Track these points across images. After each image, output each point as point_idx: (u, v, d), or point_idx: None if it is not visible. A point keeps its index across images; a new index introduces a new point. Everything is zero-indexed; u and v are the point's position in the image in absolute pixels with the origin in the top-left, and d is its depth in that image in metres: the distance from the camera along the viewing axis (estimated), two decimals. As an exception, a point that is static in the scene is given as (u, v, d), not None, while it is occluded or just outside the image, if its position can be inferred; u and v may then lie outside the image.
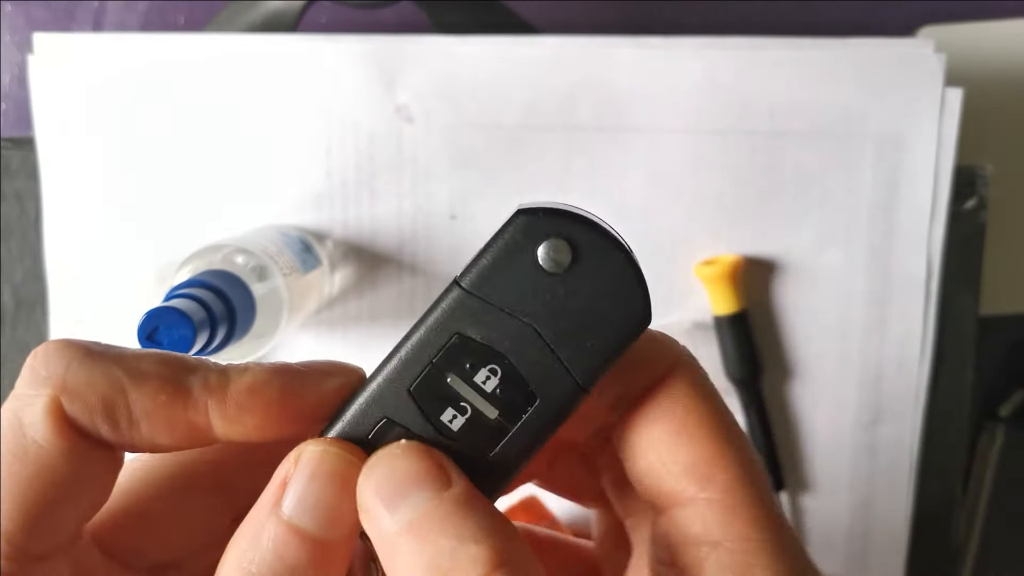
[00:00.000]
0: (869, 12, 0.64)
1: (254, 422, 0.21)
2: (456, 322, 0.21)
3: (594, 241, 0.21)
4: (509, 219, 0.21)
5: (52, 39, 0.51)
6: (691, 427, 0.21)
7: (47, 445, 0.20)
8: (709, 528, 0.21)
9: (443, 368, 0.21)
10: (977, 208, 0.53)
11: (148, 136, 0.52)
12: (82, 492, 0.21)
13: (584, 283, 0.21)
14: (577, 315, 0.21)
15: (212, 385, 0.21)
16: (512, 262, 0.21)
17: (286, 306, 0.44)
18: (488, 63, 0.50)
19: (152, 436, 0.21)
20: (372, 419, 0.21)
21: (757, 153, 0.51)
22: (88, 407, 0.20)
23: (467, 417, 0.21)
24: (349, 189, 0.52)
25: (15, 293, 0.54)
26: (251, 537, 0.20)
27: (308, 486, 0.20)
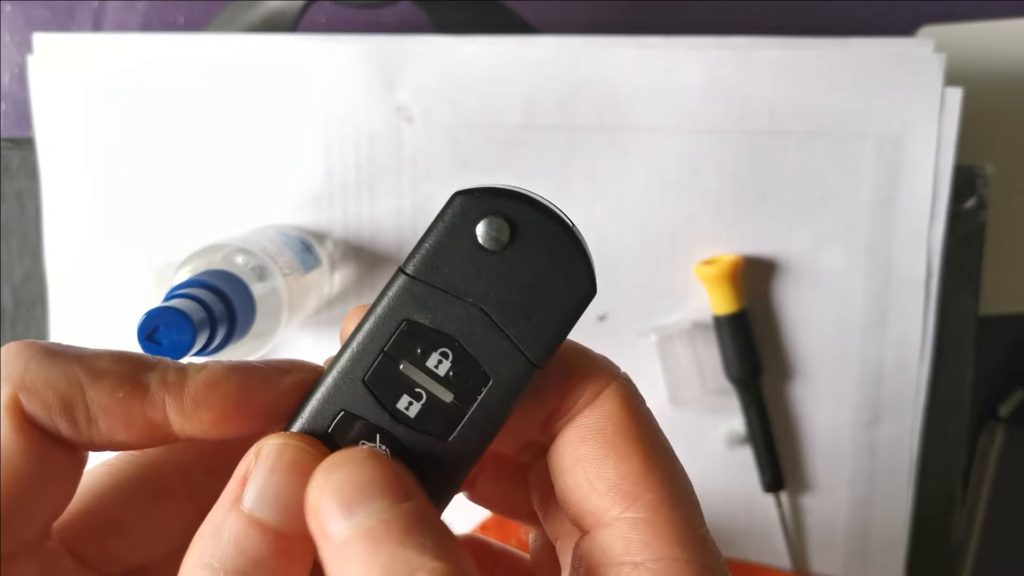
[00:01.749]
0: (869, 12, 0.64)
1: (211, 418, 0.21)
2: (403, 309, 0.21)
3: (532, 217, 0.21)
4: (447, 202, 0.21)
5: (52, 39, 0.51)
6: (619, 445, 0.21)
7: (6, 443, 0.20)
8: (631, 548, 0.21)
9: (395, 356, 0.21)
10: (977, 208, 0.53)
11: (148, 136, 0.52)
12: (45, 491, 0.21)
13: (526, 259, 0.21)
14: (522, 292, 0.21)
15: (169, 381, 0.21)
16: (453, 244, 0.21)
17: (286, 306, 0.44)
18: (488, 63, 0.50)
19: (110, 433, 0.21)
20: (330, 413, 0.21)
21: (757, 153, 0.51)
22: (46, 404, 0.21)
23: (423, 403, 0.21)
24: (349, 189, 0.52)
25: (15, 293, 0.54)
26: (212, 533, 0.20)
27: (268, 479, 0.20)
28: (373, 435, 0.21)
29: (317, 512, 0.20)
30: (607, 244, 0.52)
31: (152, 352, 0.34)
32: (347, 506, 0.20)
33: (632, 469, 0.21)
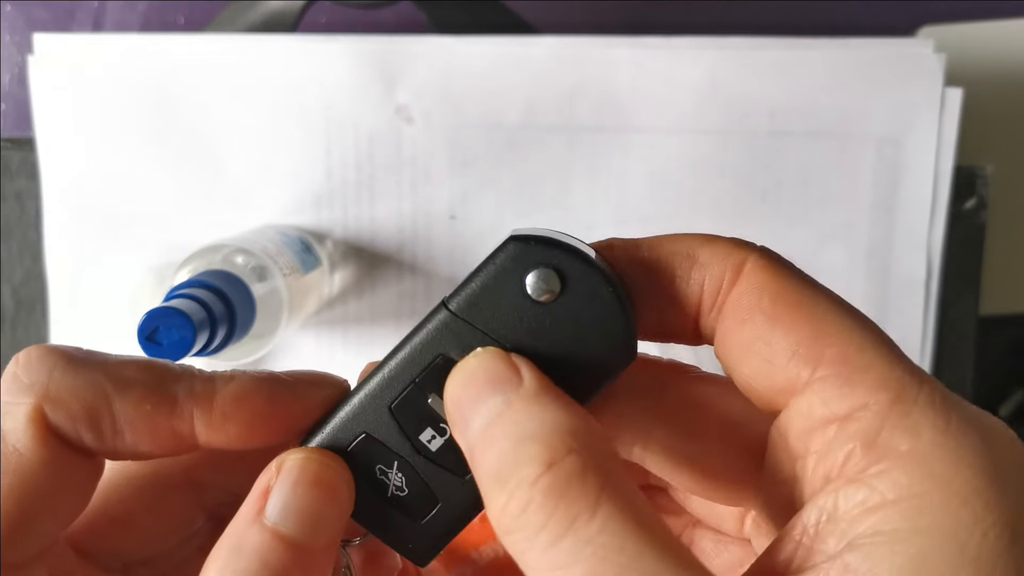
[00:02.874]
0: (869, 12, 0.64)
1: (238, 431, 0.21)
2: (441, 343, 0.21)
3: (584, 273, 0.20)
4: (501, 244, 0.21)
5: (52, 39, 0.51)
6: (782, 315, 0.20)
7: (28, 454, 0.20)
8: (831, 404, 0.19)
9: (425, 388, 0.21)
10: (977, 208, 0.53)
11: (148, 136, 0.52)
12: (63, 501, 0.21)
13: (570, 315, 0.21)
14: (561, 346, 0.21)
15: (198, 393, 0.21)
16: (500, 288, 0.21)
17: (286, 306, 0.44)
18: (488, 63, 0.50)
19: (135, 444, 0.21)
20: (352, 433, 0.22)
21: (757, 153, 0.51)
22: (71, 415, 0.20)
23: (445, 438, 0.21)
24: (349, 189, 0.52)
25: (15, 293, 0.54)
26: (233, 546, 0.20)
27: (292, 492, 0.20)
28: (392, 462, 0.22)
29: (452, 427, 0.20)
30: (607, 244, 0.52)
31: (152, 352, 0.34)
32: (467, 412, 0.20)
33: (804, 333, 0.19)
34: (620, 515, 0.17)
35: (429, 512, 0.22)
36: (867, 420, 0.18)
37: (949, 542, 0.17)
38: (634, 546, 0.17)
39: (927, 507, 0.17)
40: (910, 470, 0.17)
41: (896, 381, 0.18)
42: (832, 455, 0.18)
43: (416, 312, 0.53)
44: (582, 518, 0.17)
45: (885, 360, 0.19)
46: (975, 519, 0.17)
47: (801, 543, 0.18)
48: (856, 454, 0.18)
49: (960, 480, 0.17)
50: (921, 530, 0.17)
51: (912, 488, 0.17)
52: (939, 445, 0.17)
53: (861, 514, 0.17)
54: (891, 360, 0.19)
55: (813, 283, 0.20)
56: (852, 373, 0.19)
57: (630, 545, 0.17)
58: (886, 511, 0.17)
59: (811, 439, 0.19)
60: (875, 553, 0.17)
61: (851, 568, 0.17)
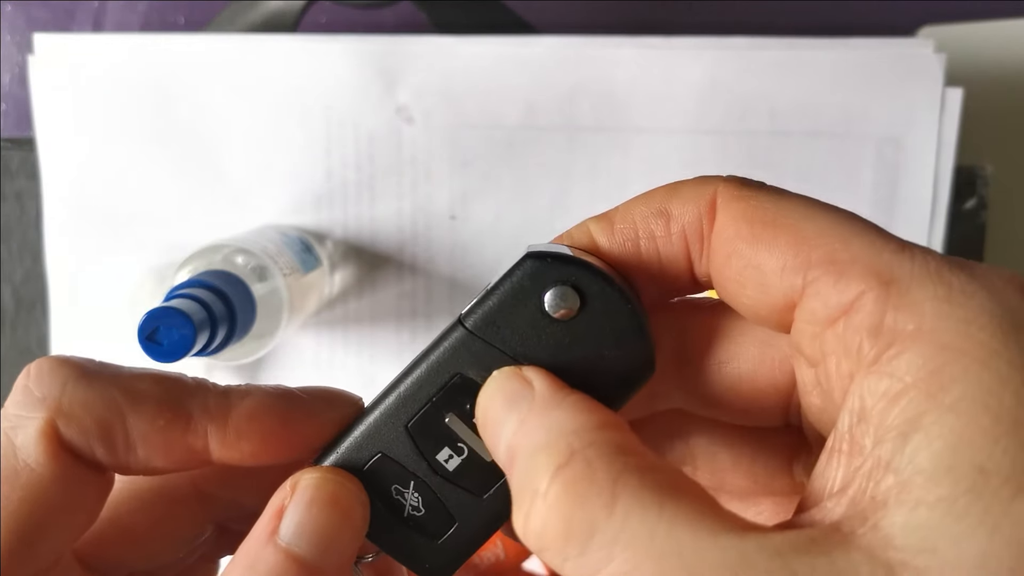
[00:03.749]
0: (869, 12, 0.64)
1: (252, 448, 0.21)
2: (458, 362, 0.21)
3: (602, 291, 0.20)
4: (518, 262, 0.21)
5: (52, 39, 0.51)
6: (761, 235, 0.19)
7: (40, 469, 0.20)
8: (831, 304, 0.18)
9: (442, 407, 0.21)
10: (977, 208, 0.53)
11: (148, 136, 0.52)
12: (72, 516, 0.21)
13: (588, 332, 0.21)
14: (579, 364, 0.21)
15: (212, 410, 0.21)
16: (518, 306, 0.21)
17: (286, 306, 0.44)
18: (488, 63, 0.50)
19: (148, 459, 0.21)
20: (368, 453, 0.21)
21: (757, 153, 0.51)
22: (84, 430, 0.20)
23: (463, 458, 0.21)
24: (349, 189, 0.52)
25: (15, 293, 0.54)
26: (247, 566, 0.20)
27: (306, 513, 0.20)
28: (408, 481, 0.21)
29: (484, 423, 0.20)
30: (607, 244, 0.52)
31: (152, 352, 0.34)
32: (495, 433, 0.20)
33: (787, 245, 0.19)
34: (641, 502, 0.16)
35: (446, 532, 0.22)
36: (867, 308, 0.17)
37: (981, 413, 0.15)
38: (665, 527, 0.16)
39: (948, 382, 0.16)
40: (921, 348, 0.16)
41: (886, 264, 0.18)
42: (847, 351, 0.18)
43: (416, 312, 0.53)
44: (601, 517, 0.16)
45: (871, 246, 0.18)
46: (1001, 382, 0.16)
47: (842, 453, 0.17)
48: (865, 344, 0.17)
49: (974, 345, 0.16)
50: (949, 407, 0.16)
51: (927, 366, 0.16)
52: (945, 315, 0.17)
53: (886, 406, 0.16)
54: (877, 244, 0.18)
55: (784, 195, 0.20)
56: (842, 267, 0.18)
57: (661, 528, 0.16)
58: (909, 396, 0.16)
59: (823, 342, 0.18)
60: (910, 444, 0.16)
61: (892, 467, 0.16)
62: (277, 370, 0.53)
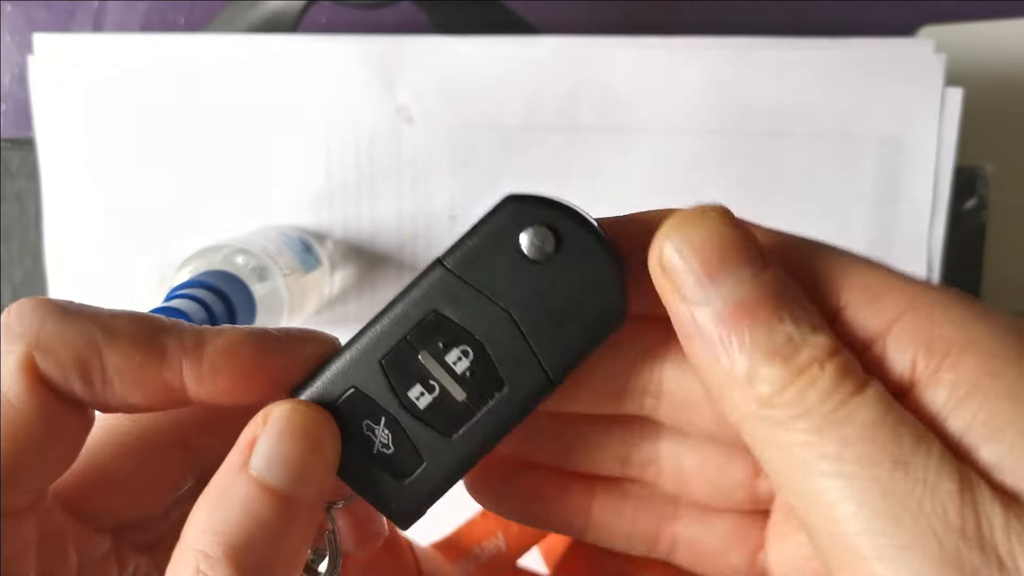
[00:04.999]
0: (869, 12, 0.64)
1: (227, 384, 0.21)
2: (434, 300, 0.21)
3: (579, 233, 0.21)
4: (498, 204, 0.21)
5: (52, 39, 0.51)
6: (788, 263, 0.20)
7: (18, 403, 0.20)
8: (870, 325, 0.19)
9: (416, 344, 0.21)
10: (977, 208, 0.53)
11: (148, 136, 0.52)
12: (53, 450, 0.21)
13: (565, 274, 0.21)
14: (554, 306, 0.21)
15: (187, 345, 0.21)
16: (496, 246, 0.21)
17: (286, 306, 0.44)
18: (488, 63, 0.50)
19: (125, 395, 0.21)
20: (341, 387, 0.21)
21: (757, 153, 0.51)
22: (61, 364, 0.20)
23: (434, 396, 0.21)
24: (349, 189, 0.52)
25: (15, 293, 0.54)
26: (218, 497, 0.20)
27: (278, 443, 0.20)
28: (379, 417, 0.21)
29: (676, 275, 0.19)
30: (607, 244, 0.52)
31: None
32: (712, 274, 0.19)
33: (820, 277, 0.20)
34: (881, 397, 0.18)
35: (413, 472, 0.21)
36: (913, 324, 0.19)
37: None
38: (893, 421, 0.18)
39: (1009, 385, 0.17)
40: (976, 356, 0.18)
41: (921, 289, 0.19)
42: (893, 369, 0.19)
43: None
44: (855, 396, 0.18)
45: (900, 277, 0.20)
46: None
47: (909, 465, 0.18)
48: (921, 359, 0.18)
49: (1020, 355, 0.18)
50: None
51: (988, 369, 0.18)
52: (985, 331, 0.18)
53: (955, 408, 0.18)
54: (904, 276, 0.20)
55: (791, 236, 0.21)
56: (878, 292, 0.19)
57: (889, 420, 0.18)
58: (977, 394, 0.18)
59: (868, 360, 0.19)
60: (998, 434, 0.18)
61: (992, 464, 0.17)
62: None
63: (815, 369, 0.18)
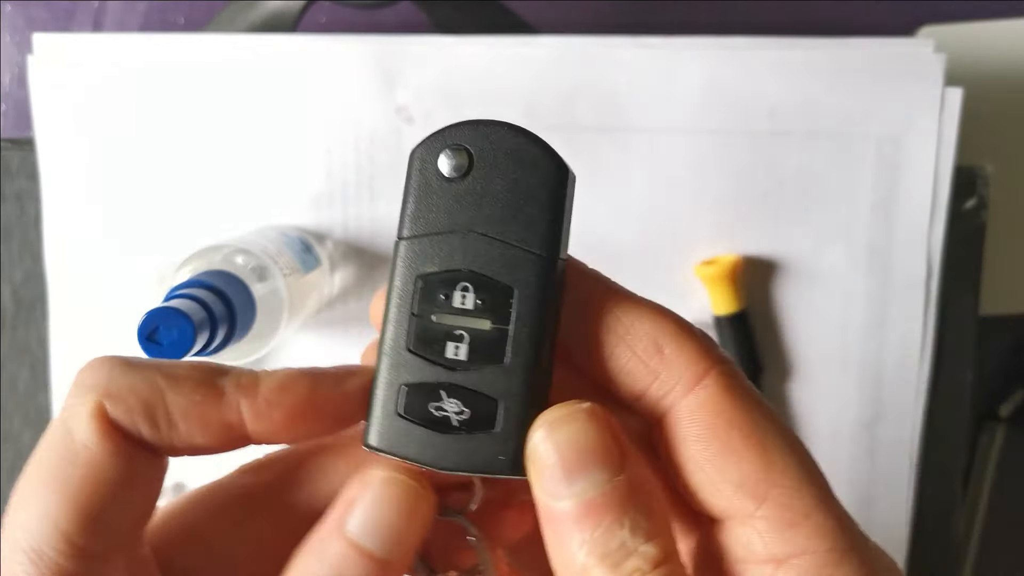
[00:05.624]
0: (869, 12, 0.64)
1: (282, 418, 0.22)
2: (412, 269, 0.22)
3: (481, 133, 0.22)
4: (408, 162, 0.22)
5: (52, 39, 0.51)
6: (736, 443, 0.21)
7: (93, 447, 0.21)
8: (771, 546, 0.21)
9: (424, 313, 0.22)
10: (977, 208, 0.53)
11: (148, 136, 0.52)
12: (130, 493, 0.22)
13: (493, 171, 0.22)
14: (504, 201, 0.22)
15: (244, 384, 0.22)
16: (425, 191, 0.22)
17: (286, 306, 0.44)
18: (488, 63, 0.50)
19: (189, 435, 0.22)
20: (394, 393, 0.22)
21: (757, 153, 0.51)
22: (129, 409, 0.22)
23: (467, 341, 0.22)
24: (349, 189, 0.52)
25: (15, 293, 0.54)
26: (315, 552, 0.22)
27: (374, 509, 0.22)
28: (438, 393, 0.22)
29: (540, 468, 0.21)
30: (607, 244, 0.52)
31: (152, 352, 0.34)
32: (569, 472, 0.21)
33: (754, 465, 0.21)
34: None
35: (496, 415, 0.22)
36: (804, 567, 0.21)
37: None
38: None
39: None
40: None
41: (831, 530, 0.21)
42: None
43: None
44: None
45: (822, 508, 0.21)
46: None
47: None
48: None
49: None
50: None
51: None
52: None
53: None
54: (827, 507, 0.21)
55: (765, 409, 0.22)
56: (794, 518, 0.21)
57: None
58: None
59: (747, 571, 0.21)
60: None
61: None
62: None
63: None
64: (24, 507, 0.21)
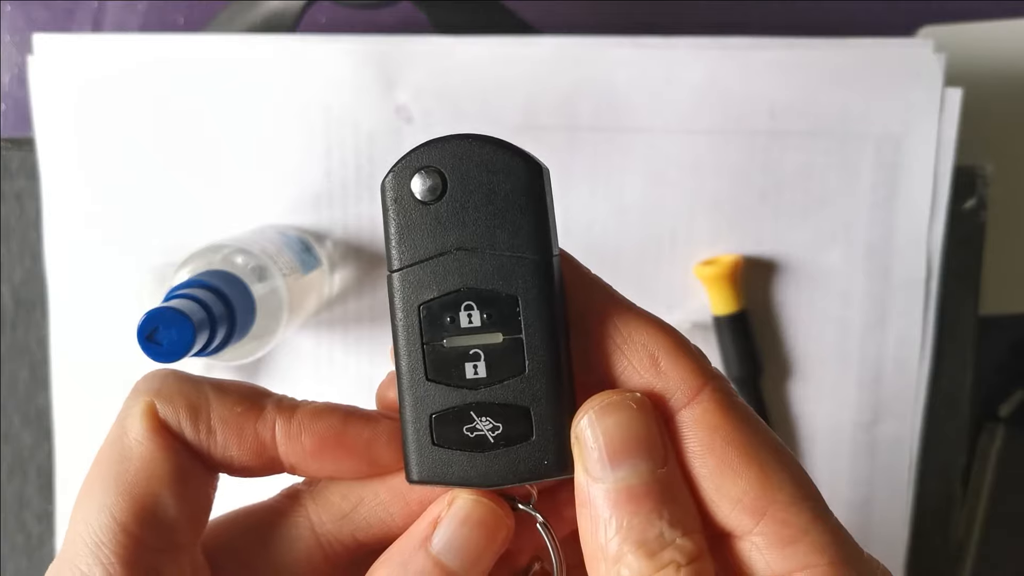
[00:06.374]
0: (869, 12, 0.64)
1: (312, 445, 0.24)
2: (410, 300, 0.22)
3: (447, 151, 0.22)
4: (380, 195, 0.22)
5: (52, 39, 0.51)
6: (733, 460, 0.21)
7: (144, 442, 0.23)
8: (772, 563, 0.21)
9: (434, 339, 0.22)
10: (977, 208, 0.53)
11: (148, 136, 0.52)
12: (182, 491, 0.23)
13: (467, 186, 0.22)
14: (484, 213, 0.22)
15: (283, 405, 0.24)
16: (404, 220, 0.22)
17: (286, 307, 0.44)
18: (488, 63, 0.50)
19: (225, 444, 0.24)
20: (425, 424, 0.22)
21: (757, 153, 0.51)
22: (176, 409, 0.23)
23: (484, 359, 0.22)
24: (349, 189, 0.52)
25: (15, 293, 0.54)
26: (398, 564, 0.23)
27: (459, 529, 0.23)
28: (468, 415, 0.22)
29: (584, 448, 0.21)
30: (607, 244, 0.52)
31: (151, 352, 0.35)
32: (614, 456, 0.21)
33: (752, 483, 0.21)
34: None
35: (530, 422, 0.22)
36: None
37: None
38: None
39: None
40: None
41: (829, 545, 0.21)
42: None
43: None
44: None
45: (819, 523, 0.21)
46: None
47: None
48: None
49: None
50: None
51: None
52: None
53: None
54: (824, 522, 0.21)
55: (760, 426, 0.22)
56: (792, 534, 0.21)
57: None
58: None
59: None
60: None
61: None
62: (277, 370, 0.53)
63: (670, 571, 0.20)
64: (84, 501, 0.23)
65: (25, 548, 0.55)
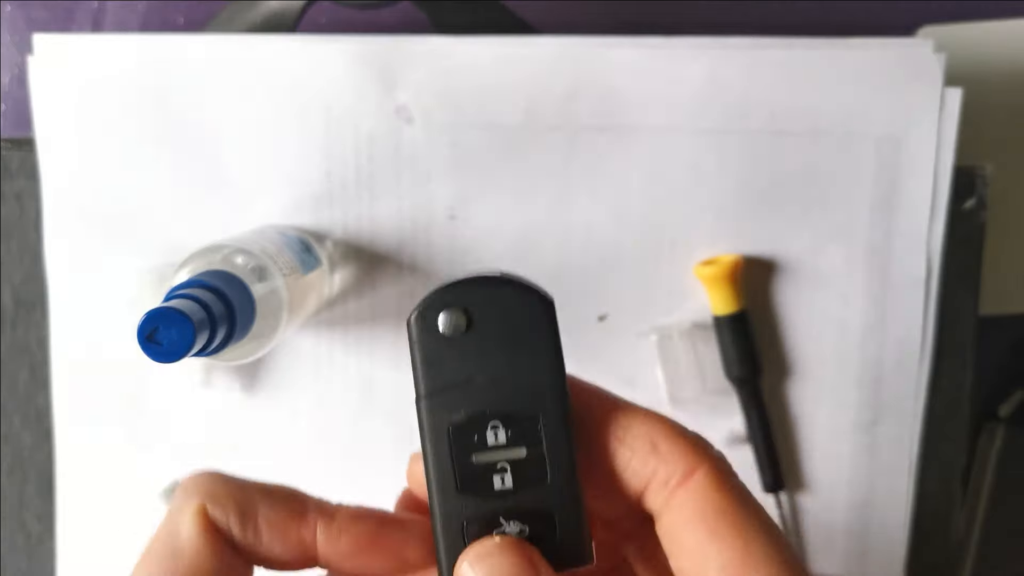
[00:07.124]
0: (869, 12, 0.64)
1: (350, 546, 0.26)
2: (440, 422, 0.24)
3: (473, 291, 0.24)
4: (407, 332, 0.24)
5: (52, 39, 0.51)
6: (721, 530, 0.23)
7: (194, 542, 0.25)
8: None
9: (463, 456, 0.24)
10: (977, 208, 0.53)
11: (148, 136, 0.52)
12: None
13: (490, 322, 0.24)
14: (505, 342, 0.24)
15: (325, 508, 0.26)
16: (432, 354, 0.24)
17: (286, 307, 0.44)
18: (488, 63, 0.50)
19: (270, 544, 0.26)
20: (457, 530, 0.24)
21: (757, 153, 0.51)
22: (226, 512, 0.25)
23: (510, 471, 0.24)
24: (349, 189, 0.52)
25: (15, 293, 0.54)
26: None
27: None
28: (498, 520, 0.24)
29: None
30: (607, 244, 0.52)
31: (151, 352, 0.34)
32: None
33: (736, 553, 0.23)
34: None
35: (554, 526, 0.24)
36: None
37: None
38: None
39: None
40: None
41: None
42: None
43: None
44: None
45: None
46: None
47: None
48: None
49: None
50: None
51: None
52: None
53: None
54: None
55: (751, 501, 0.24)
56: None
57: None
58: None
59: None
60: None
61: None
62: (277, 370, 0.53)
63: None
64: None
65: (25, 548, 0.55)
